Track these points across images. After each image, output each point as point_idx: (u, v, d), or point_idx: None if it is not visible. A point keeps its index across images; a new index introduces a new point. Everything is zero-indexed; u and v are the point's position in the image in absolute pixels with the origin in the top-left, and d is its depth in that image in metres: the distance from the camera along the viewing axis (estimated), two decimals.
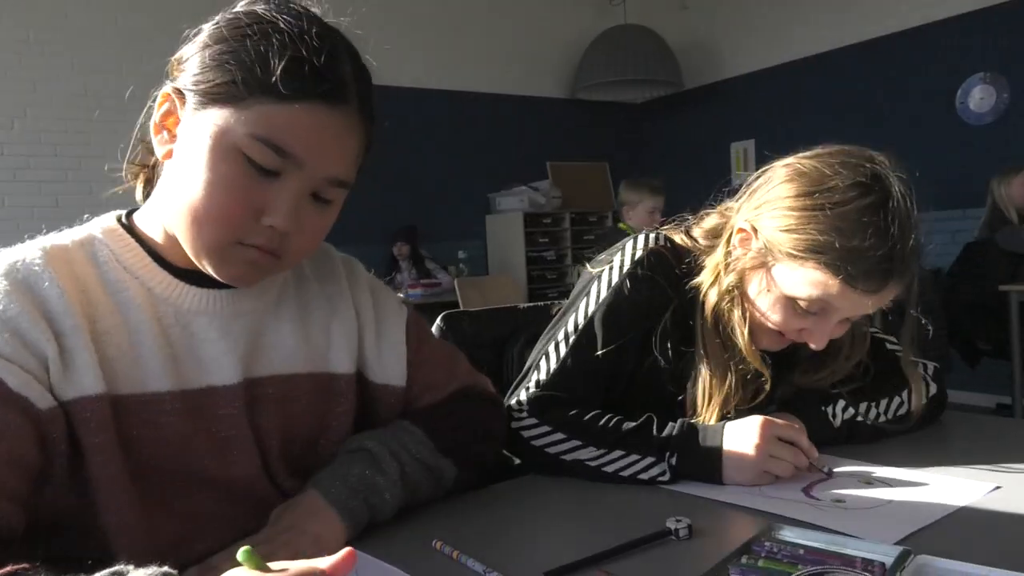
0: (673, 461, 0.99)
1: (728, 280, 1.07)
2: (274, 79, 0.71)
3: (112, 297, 0.78)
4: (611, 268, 1.15)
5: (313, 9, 0.79)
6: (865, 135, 5.36)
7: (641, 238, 1.17)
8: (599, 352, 1.11)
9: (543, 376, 1.12)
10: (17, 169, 4.63)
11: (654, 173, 5.18)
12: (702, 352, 1.10)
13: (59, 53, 4.71)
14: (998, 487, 0.91)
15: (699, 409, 1.09)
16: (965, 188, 4.79)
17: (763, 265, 1.04)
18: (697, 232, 1.17)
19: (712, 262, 1.10)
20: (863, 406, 1.13)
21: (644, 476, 1.00)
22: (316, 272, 0.94)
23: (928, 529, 0.80)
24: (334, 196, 0.79)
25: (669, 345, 1.12)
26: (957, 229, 4.80)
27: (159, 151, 0.78)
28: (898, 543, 0.74)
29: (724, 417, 1.06)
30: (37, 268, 0.74)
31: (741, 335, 1.07)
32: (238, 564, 0.58)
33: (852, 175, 0.98)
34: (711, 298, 1.09)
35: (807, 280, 0.98)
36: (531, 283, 5.97)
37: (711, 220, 1.17)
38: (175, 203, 0.76)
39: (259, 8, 0.76)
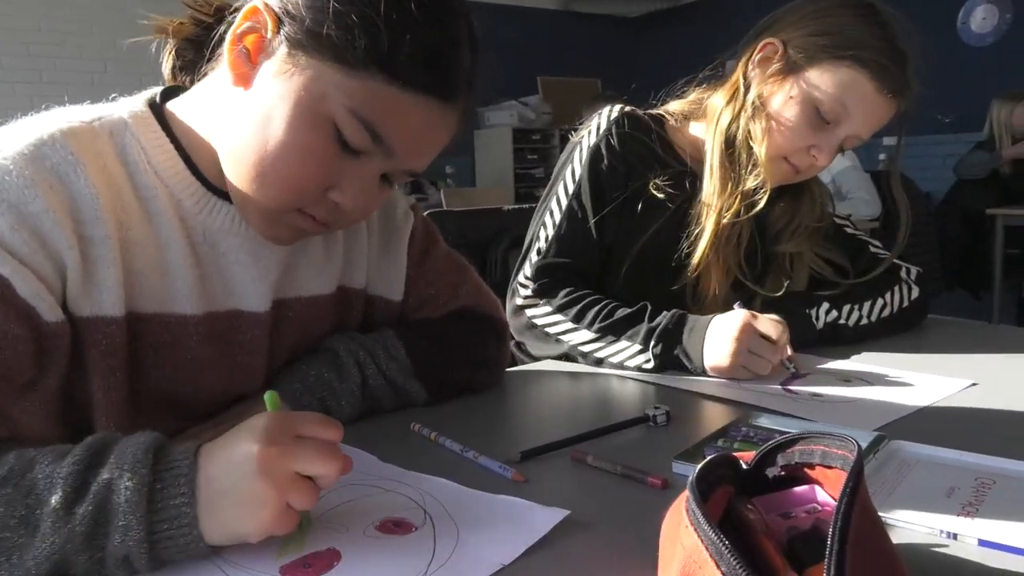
0: (657, 350, 1.00)
1: (750, 96, 1.12)
2: (398, 61, 0.63)
3: (143, 204, 0.70)
4: (590, 132, 1.19)
5: None
6: None
7: (617, 104, 1.21)
8: (590, 212, 1.14)
9: (543, 244, 1.15)
10: None
11: (648, 91, 5.07)
12: (710, 172, 1.14)
13: None
14: (974, 383, 0.92)
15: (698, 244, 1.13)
16: (961, 111, 4.74)
17: (792, 72, 1.08)
18: (663, 109, 1.23)
19: (726, 86, 1.16)
20: (846, 309, 1.14)
21: (630, 364, 1.02)
22: None
23: (904, 419, 0.81)
24: (401, 181, 0.75)
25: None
26: (949, 154, 4.76)
27: (231, 74, 0.67)
28: (873, 431, 0.74)
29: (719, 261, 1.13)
30: (71, 158, 0.64)
31: (761, 143, 1.10)
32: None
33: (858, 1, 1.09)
34: (724, 120, 1.13)
35: (838, 79, 1.05)
36: (519, 201, 5.92)
37: (676, 103, 1.23)
38: (238, 146, 0.68)
39: None
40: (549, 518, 0.58)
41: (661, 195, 1.14)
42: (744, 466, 0.50)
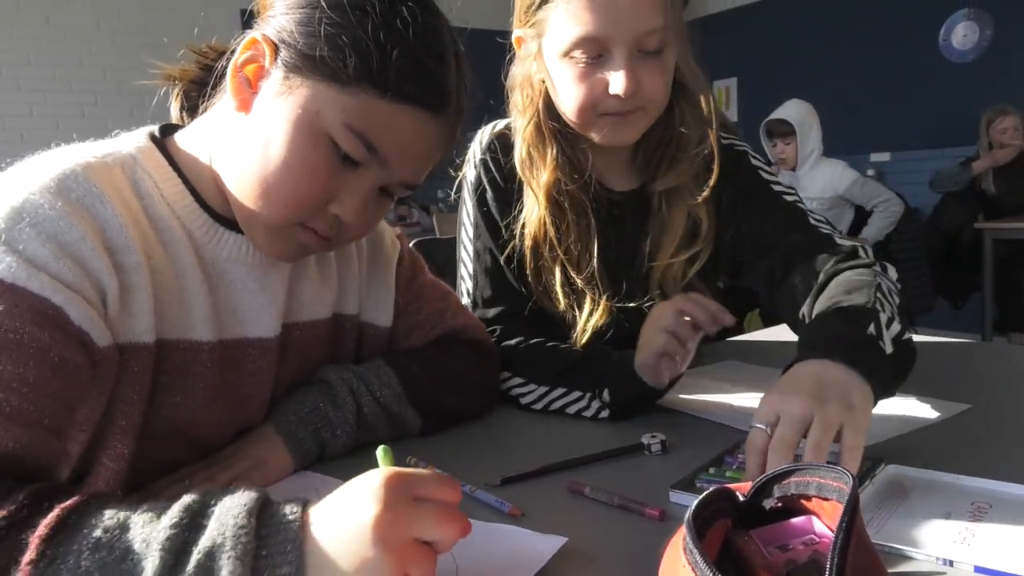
0: (606, 396, 0.94)
1: (524, 71, 1.06)
2: (387, 75, 0.66)
3: (159, 235, 0.71)
4: (469, 165, 1.14)
5: None
6: (847, 73, 5.33)
7: (488, 127, 1.15)
8: (496, 249, 1.10)
9: (467, 301, 1.12)
10: None
11: None
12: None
13: None
14: (969, 407, 0.91)
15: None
16: (945, 127, 4.79)
17: (540, 52, 1.02)
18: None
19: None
20: (888, 309, 0.87)
21: (587, 414, 0.96)
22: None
23: (900, 442, 0.81)
24: (399, 194, 0.76)
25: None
26: (936, 168, 4.81)
27: (234, 101, 0.71)
28: (869, 455, 0.74)
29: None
30: (95, 190, 0.65)
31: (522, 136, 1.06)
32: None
33: None
34: (520, 126, 1.07)
35: (564, 24, 0.95)
36: None
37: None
38: (242, 167, 0.71)
39: None
40: (547, 546, 0.58)
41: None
42: (741, 498, 0.50)
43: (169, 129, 0.79)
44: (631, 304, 1.07)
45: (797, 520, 0.49)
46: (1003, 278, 3.94)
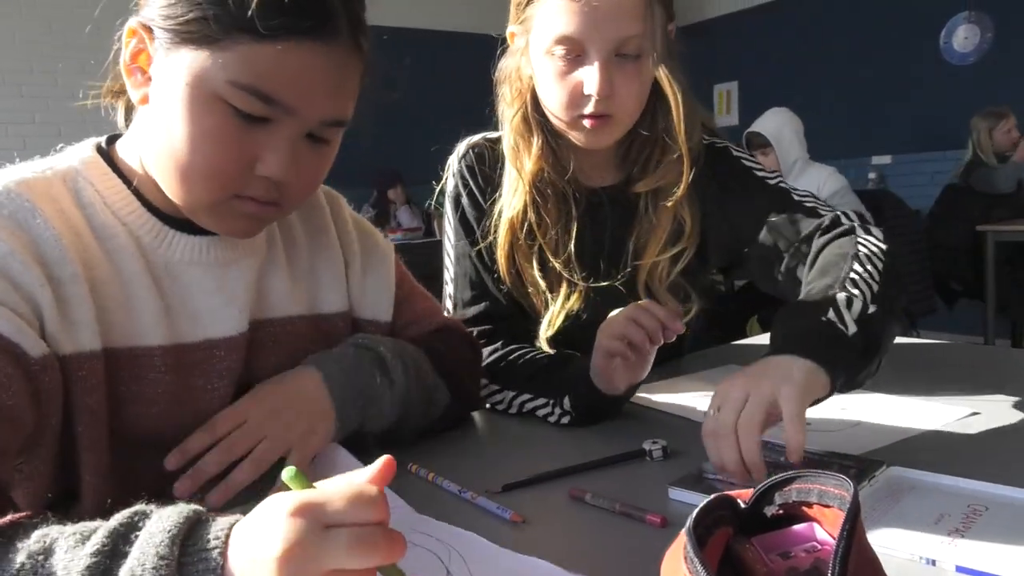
0: (566, 403, 0.95)
1: (513, 64, 1.08)
2: (250, 14, 0.62)
3: (102, 243, 0.70)
4: (447, 173, 1.17)
5: None
6: (848, 75, 5.33)
7: (466, 141, 1.17)
8: (474, 256, 1.12)
9: (449, 304, 1.15)
10: None
11: None
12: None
13: None
14: (975, 412, 0.91)
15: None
16: (946, 129, 4.78)
17: (527, 47, 1.04)
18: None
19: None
20: (847, 284, 0.89)
21: (551, 420, 0.98)
22: (298, 208, 0.87)
23: (902, 445, 0.81)
24: (331, 136, 0.73)
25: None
26: (937, 171, 4.81)
27: (134, 95, 0.70)
28: (872, 457, 0.74)
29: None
30: (27, 204, 0.65)
31: (509, 123, 1.09)
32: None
33: None
34: (508, 116, 1.10)
35: (547, 22, 0.98)
36: None
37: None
38: (159, 156, 0.69)
39: None
40: None
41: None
42: (742, 505, 0.50)
43: (117, 137, 0.79)
44: (605, 283, 1.09)
45: (799, 527, 0.49)
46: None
